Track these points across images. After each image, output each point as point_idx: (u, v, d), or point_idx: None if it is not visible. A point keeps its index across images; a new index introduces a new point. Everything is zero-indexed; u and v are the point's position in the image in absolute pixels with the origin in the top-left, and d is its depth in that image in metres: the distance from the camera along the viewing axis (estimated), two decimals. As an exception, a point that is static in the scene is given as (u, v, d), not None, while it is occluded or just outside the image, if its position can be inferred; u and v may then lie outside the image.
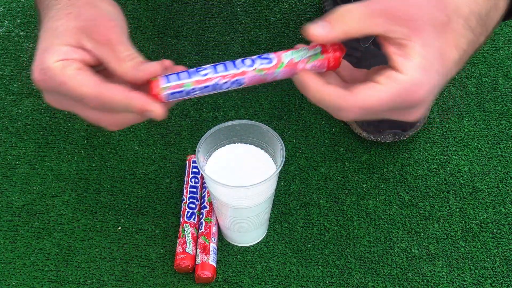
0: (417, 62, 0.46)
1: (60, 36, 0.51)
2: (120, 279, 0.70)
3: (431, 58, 0.47)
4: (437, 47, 0.47)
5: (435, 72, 0.47)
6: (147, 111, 0.49)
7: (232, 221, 0.69)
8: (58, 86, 0.50)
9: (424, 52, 0.46)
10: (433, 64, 0.47)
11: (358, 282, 0.70)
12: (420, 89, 0.47)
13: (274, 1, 1.01)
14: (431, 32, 0.47)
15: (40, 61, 0.51)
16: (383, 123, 0.79)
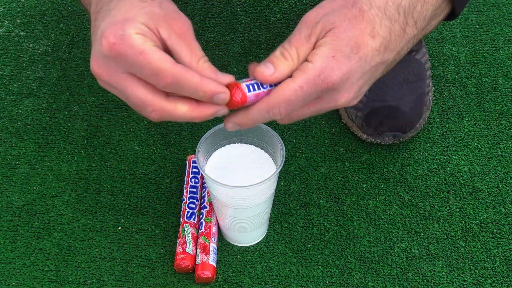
0: (324, 51, 0.52)
1: (141, 14, 0.51)
2: (120, 279, 0.70)
3: (339, 46, 0.52)
4: (347, 37, 0.52)
5: (346, 58, 0.52)
6: (218, 93, 0.51)
7: (232, 221, 0.69)
8: (134, 55, 0.49)
9: (332, 42, 0.52)
10: (341, 51, 0.52)
11: (358, 282, 0.70)
12: (332, 73, 0.52)
13: (274, 1, 1.01)
14: (346, 26, 0.52)
15: (121, 27, 0.50)
16: (382, 126, 0.79)
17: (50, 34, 0.97)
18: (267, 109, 0.53)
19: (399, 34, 0.55)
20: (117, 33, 0.49)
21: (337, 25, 0.53)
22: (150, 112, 0.52)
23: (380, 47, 0.54)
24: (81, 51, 0.94)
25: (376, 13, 0.54)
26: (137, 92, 0.51)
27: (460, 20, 0.98)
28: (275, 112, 0.53)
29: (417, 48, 0.84)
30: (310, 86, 0.52)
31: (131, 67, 0.50)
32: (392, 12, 0.54)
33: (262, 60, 0.54)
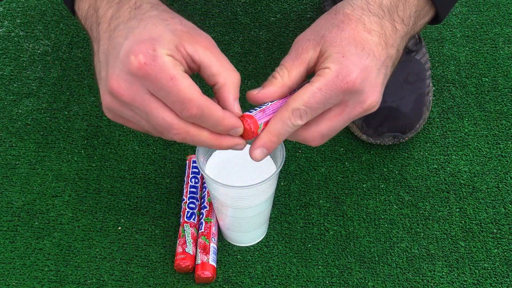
0: (334, 57, 0.52)
1: (167, 32, 0.50)
2: (120, 279, 0.70)
3: (342, 47, 0.52)
4: (344, 38, 0.52)
5: (356, 56, 0.52)
6: (236, 127, 0.52)
7: (232, 221, 0.69)
8: (165, 79, 0.48)
9: (334, 47, 0.52)
10: (348, 50, 0.52)
11: (358, 282, 0.70)
12: (350, 71, 0.51)
13: (274, 1, 1.01)
14: (336, 31, 0.53)
15: (151, 46, 0.48)
16: (382, 126, 0.79)
17: (50, 34, 0.97)
18: (288, 115, 0.52)
19: (392, 29, 0.55)
20: (148, 52, 0.48)
21: (326, 35, 0.53)
22: (174, 134, 0.51)
23: (381, 41, 0.54)
24: (81, 51, 0.94)
25: (361, 12, 0.54)
26: (163, 114, 0.50)
27: (460, 20, 0.98)
28: (296, 116, 0.52)
29: (417, 48, 0.84)
30: (329, 88, 0.51)
31: (158, 91, 0.49)
32: (376, 9, 0.55)
33: (262, 60, 0.55)
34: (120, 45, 0.50)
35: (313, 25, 0.56)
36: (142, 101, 0.50)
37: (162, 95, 0.49)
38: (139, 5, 0.52)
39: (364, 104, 0.54)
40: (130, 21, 0.51)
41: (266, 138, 0.54)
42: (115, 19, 0.52)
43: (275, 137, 0.54)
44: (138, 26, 0.50)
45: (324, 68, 0.52)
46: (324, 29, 0.54)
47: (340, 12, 0.55)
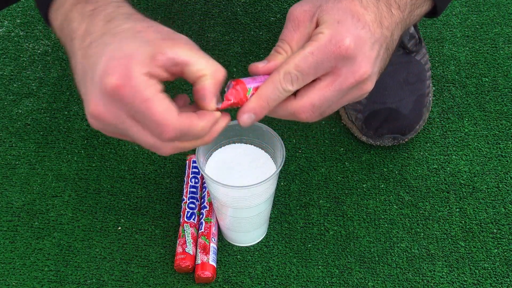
0: (329, 22, 0.51)
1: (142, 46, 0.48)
2: (120, 279, 0.70)
3: (339, 15, 0.51)
4: (341, 8, 0.52)
5: (350, 24, 0.51)
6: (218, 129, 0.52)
7: (232, 221, 0.69)
8: (139, 102, 0.47)
9: (331, 15, 0.51)
10: (345, 18, 0.51)
11: (358, 282, 0.70)
12: (343, 36, 0.50)
13: (274, 1, 1.01)
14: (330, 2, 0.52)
15: (125, 64, 0.47)
16: (382, 128, 0.79)
17: (50, 34, 0.97)
18: (279, 79, 0.51)
19: (387, 12, 0.54)
20: (122, 72, 0.47)
21: (323, 5, 0.52)
22: (162, 153, 0.51)
23: (376, 20, 0.53)
24: (81, 51, 0.94)
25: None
26: (145, 138, 0.50)
27: (460, 20, 0.98)
28: (286, 80, 0.51)
29: (417, 49, 0.84)
30: (321, 52, 0.50)
31: (135, 113, 0.48)
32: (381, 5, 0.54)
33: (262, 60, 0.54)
34: (95, 64, 0.48)
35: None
36: (123, 124, 0.49)
37: (139, 118, 0.48)
38: (112, 18, 0.51)
39: (356, 74, 0.52)
40: (103, 36, 0.50)
41: (255, 103, 0.53)
42: (88, 34, 0.51)
43: (264, 102, 0.52)
44: (111, 42, 0.49)
45: (318, 33, 0.51)
46: (321, 0, 0.53)
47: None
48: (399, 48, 0.83)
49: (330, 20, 0.51)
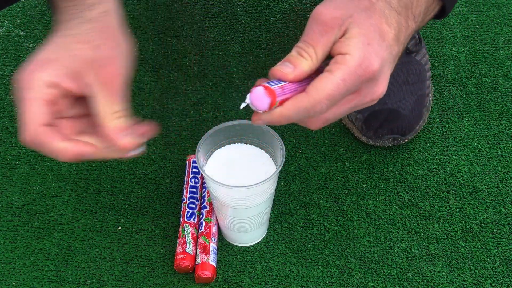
0: (358, 40, 0.50)
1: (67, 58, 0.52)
2: (120, 279, 0.70)
3: (369, 33, 0.50)
4: (372, 25, 0.51)
5: (377, 45, 0.50)
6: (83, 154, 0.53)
7: (232, 221, 0.69)
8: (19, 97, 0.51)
9: (361, 30, 0.50)
10: (374, 38, 0.50)
11: (358, 282, 0.70)
12: (373, 60, 0.50)
13: (274, 1, 1.01)
14: (364, 15, 0.51)
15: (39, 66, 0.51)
16: (382, 128, 0.79)
17: (50, 34, 0.97)
18: (309, 107, 0.50)
19: (405, 26, 0.54)
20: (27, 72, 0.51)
21: (355, 16, 0.51)
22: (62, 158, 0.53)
23: (395, 37, 0.53)
24: (81, 51, 0.94)
25: (384, 5, 0.53)
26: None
27: (460, 20, 0.98)
28: (317, 110, 0.50)
29: (417, 49, 0.84)
30: (352, 78, 0.49)
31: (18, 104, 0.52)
32: (396, 5, 0.54)
33: (262, 60, 0.54)
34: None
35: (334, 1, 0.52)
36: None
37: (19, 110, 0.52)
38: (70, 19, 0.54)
39: (375, 94, 0.52)
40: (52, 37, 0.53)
41: (276, 118, 0.51)
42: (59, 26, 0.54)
43: (285, 120, 0.51)
44: (47, 46, 0.53)
45: (345, 53, 0.50)
46: (353, 10, 0.51)
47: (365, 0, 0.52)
48: (399, 48, 0.83)
49: (361, 37, 0.50)
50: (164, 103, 0.87)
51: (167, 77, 0.91)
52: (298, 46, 0.52)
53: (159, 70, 0.92)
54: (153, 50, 0.94)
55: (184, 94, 0.88)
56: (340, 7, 0.51)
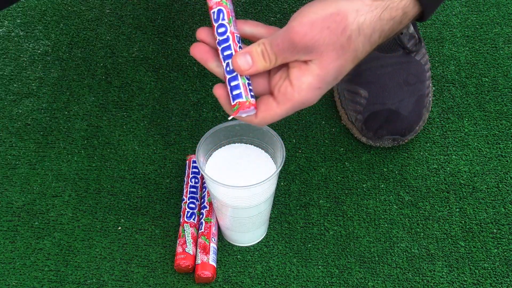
0: (312, 82, 0.54)
1: None
2: (120, 279, 0.70)
3: (327, 77, 0.54)
4: (336, 66, 0.54)
5: (327, 86, 0.56)
6: None
7: (232, 221, 0.69)
8: None
9: (321, 72, 0.54)
10: (328, 82, 0.55)
11: (358, 282, 0.70)
12: (313, 101, 0.56)
13: (274, 1, 1.01)
14: (333, 56, 0.54)
15: None
16: (382, 129, 0.79)
17: (50, 34, 0.97)
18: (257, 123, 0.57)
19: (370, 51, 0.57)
20: None
21: (324, 55, 0.54)
22: None
23: (354, 65, 0.57)
24: (81, 51, 0.94)
25: (362, 41, 0.54)
26: None
27: (460, 20, 0.98)
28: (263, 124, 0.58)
29: (416, 48, 0.84)
30: (292, 111, 0.56)
31: None
32: (375, 38, 0.55)
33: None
34: None
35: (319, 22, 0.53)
36: None
37: None
38: None
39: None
40: None
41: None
42: None
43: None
44: None
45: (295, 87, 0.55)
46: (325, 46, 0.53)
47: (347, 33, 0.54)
48: (398, 48, 0.83)
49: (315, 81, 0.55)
50: (164, 103, 0.87)
51: (167, 77, 0.91)
52: (265, 46, 0.54)
53: (159, 70, 0.92)
54: (153, 50, 0.94)
55: (184, 94, 0.88)
56: (316, 32, 0.53)
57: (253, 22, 0.58)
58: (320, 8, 0.53)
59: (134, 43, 0.95)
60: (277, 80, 0.57)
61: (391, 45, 0.82)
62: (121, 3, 1.01)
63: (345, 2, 0.53)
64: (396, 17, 0.55)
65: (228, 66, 0.56)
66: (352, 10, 0.53)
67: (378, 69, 0.81)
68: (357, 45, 0.54)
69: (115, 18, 0.98)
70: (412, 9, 0.56)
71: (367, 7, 0.53)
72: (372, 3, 0.54)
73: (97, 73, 0.91)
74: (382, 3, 0.54)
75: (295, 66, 0.55)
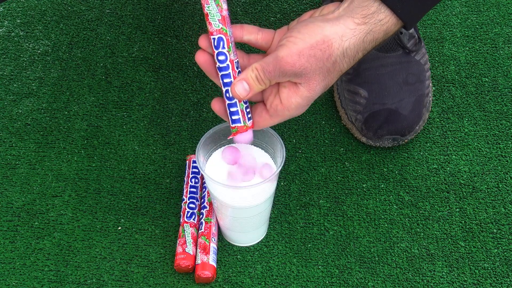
0: (300, 102, 0.59)
1: None
2: (120, 279, 0.70)
3: (313, 95, 0.59)
4: (322, 86, 0.59)
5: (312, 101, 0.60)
6: None
7: (232, 221, 0.69)
8: None
9: (309, 94, 0.59)
10: (313, 99, 0.60)
11: (358, 282, 0.70)
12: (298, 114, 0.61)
13: (274, 1, 1.01)
14: (320, 79, 0.58)
15: None
16: (382, 129, 0.79)
17: (50, 34, 0.97)
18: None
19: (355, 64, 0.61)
20: None
21: (312, 79, 0.58)
22: None
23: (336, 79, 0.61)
24: (81, 51, 0.94)
25: (347, 61, 0.59)
26: None
27: (460, 20, 0.98)
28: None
29: (416, 48, 0.84)
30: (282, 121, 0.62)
31: None
32: (359, 56, 0.59)
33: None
34: None
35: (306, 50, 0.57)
36: None
37: None
38: None
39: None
40: None
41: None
42: None
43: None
44: None
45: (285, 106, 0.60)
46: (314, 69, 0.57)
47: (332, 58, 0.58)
48: (398, 48, 0.83)
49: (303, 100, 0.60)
50: (164, 103, 0.87)
51: (167, 77, 0.91)
52: (258, 72, 0.58)
53: (159, 70, 0.92)
54: (153, 50, 0.94)
55: (184, 94, 0.88)
56: (304, 61, 0.57)
57: (249, 28, 0.62)
58: (308, 36, 0.57)
59: (134, 43, 0.95)
60: (269, 93, 0.61)
61: (391, 45, 0.82)
62: (121, 3, 1.01)
63: (331, 28, 0.57)
64: (378, 38, 0.59)
65: (227, 93, 0.60)
66: (337, 36, 0.57)
67: (377, 69, 0.81)
68: (341, 66, 0.59)
69: (115, 18, 0.98)
70: (394, 28, 0.59)
71: (351, 32, 0.57)
72: (356, 27, 0.57)
73: (97, 73, 0.91)
74: (366, 27, 0.57)
75: (286, 86, 0.59)
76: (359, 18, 0.57)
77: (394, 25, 0.59)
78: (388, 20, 0.58)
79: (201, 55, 0.60)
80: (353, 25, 0.57)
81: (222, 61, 0.59)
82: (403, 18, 0.58)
